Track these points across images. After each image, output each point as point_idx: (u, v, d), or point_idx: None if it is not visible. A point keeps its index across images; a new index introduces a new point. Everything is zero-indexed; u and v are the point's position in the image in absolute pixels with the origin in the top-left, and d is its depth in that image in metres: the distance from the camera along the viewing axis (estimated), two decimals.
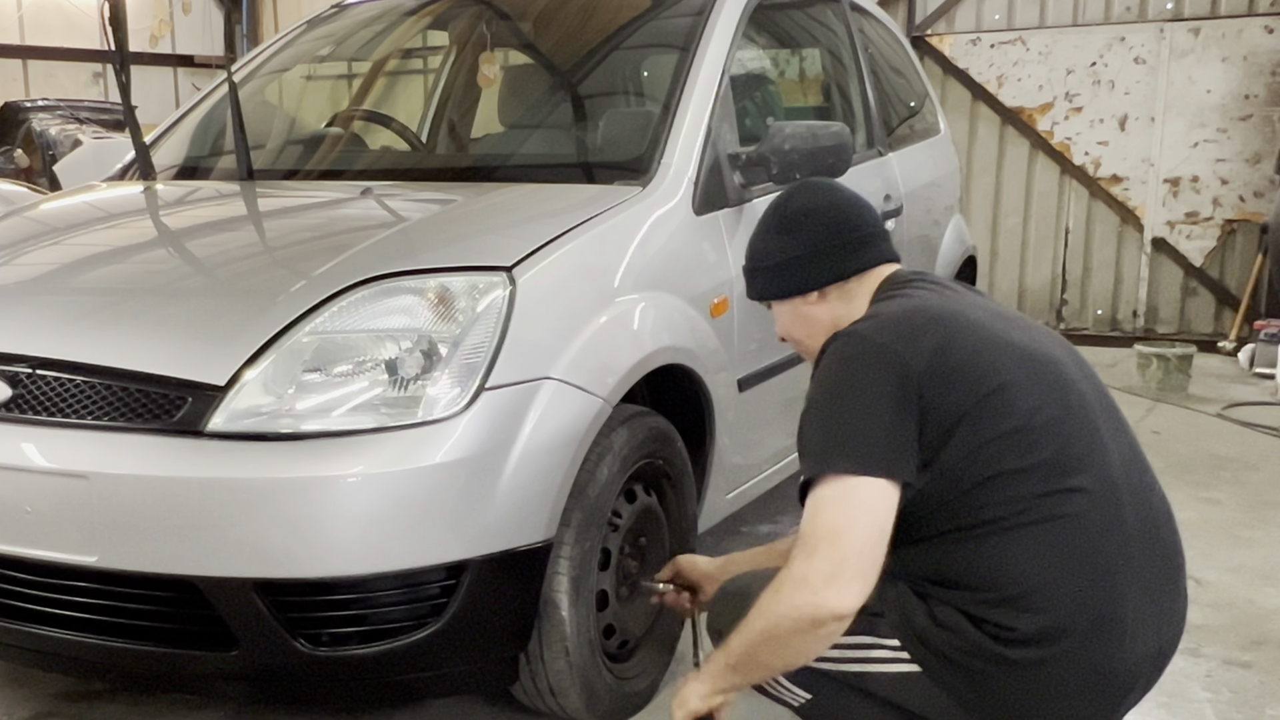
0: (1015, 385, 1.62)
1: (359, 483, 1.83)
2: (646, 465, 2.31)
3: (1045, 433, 1.61)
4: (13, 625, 2.00)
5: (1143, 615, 1.62)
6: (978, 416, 1.59)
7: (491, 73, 3.41)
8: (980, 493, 1.60)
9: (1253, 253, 6.76)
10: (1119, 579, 1.61)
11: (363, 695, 2.09)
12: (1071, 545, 1.59)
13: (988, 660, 1.59)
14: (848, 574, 1.52)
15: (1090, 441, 1.65)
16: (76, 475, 1.87)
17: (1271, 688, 2.53)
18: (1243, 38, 6.73)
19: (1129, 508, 1.64)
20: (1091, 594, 1.58)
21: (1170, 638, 1.70)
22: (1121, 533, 1.62)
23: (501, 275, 2.04)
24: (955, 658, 1.60)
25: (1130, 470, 1.69)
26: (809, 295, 1.84)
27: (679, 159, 2.56)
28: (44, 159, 9.20)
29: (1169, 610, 1.69)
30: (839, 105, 3.71)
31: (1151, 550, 1.66)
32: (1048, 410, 1.62)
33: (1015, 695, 1.60)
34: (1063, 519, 1.59)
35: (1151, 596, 1.65)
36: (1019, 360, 1.65)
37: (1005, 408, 1.60)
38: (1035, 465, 1.60)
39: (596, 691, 2.19)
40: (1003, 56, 7.35)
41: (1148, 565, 1.65)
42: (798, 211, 1.87)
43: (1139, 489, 1.69)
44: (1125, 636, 1.60)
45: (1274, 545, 3.44)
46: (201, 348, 1.94)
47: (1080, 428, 1.65)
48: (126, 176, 3.18)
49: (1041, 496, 1.59)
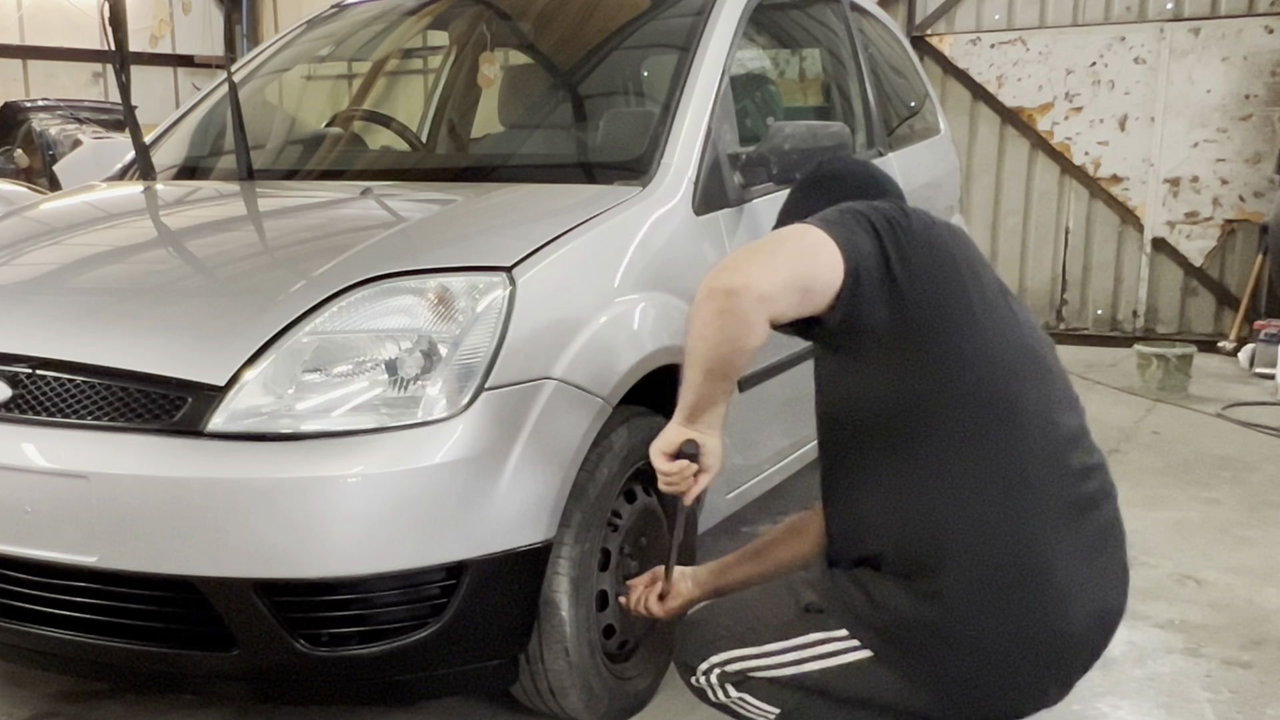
0: (975, 318, 1.67)
1: (359, 483, 1.83)
2: (647, 465, 2.30)
3: (999, 377, 1.65)
4: (13, 625, 2.00)
5: (1076, 575, 1.64)
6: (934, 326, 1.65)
7: (491, 73, 3.41)
8: (920, 408, 1.64)
9: (1253, 253, 6.76)
10: (1051, 536, 1.63)
11: (362, 695, 2.08)
12: (1002, 494, 1.62)
13: (924, 630, 1.62)
14: (751, 262, 1.62)
15: (1043, 401, 1.69)
16: (76, 475, 1.87)
17: (1271, 688, 2.53)
18: (1243, 38, 6.73)
19: (1073, 473, 1.68)
20: (1023, 548, 1.61)
21: (1113, 601, 1.71)
22: (1061, 493, 1.65)
23: (501, 275, 2.04)
24: (896, 633, 1.64)
25: (1080, 442, 1.73)
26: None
27: (679, 159, 2.55)
28: (44, 159, 9.20)
29: (1109, 575, 1.71)
30: (839, 105, 3.71)
31: (1090, 518, 1.69)
32: (1011, 360, 1.68)
33: (960, 664, 1.63)
34: (996, 464, 1.63)
35: (1088, 560, 1.67)
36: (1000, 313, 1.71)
37: (961, 328, 1.65)
38: (978, 396, 1.64)
39: (596, 692, 2.19)
40: (1003, 56, 7.35)
41: (1084, 530, 1.67)
42: (825, 175, 2.01)
43: (1085, 460, 1.72)
44: (1059, 596, 1.62)
45: (1274, 545, 3.44)
46: (201, 348, 1.94)
47: (1037, 387, 1.70)
48: (126, 176, 3.18)
49: (978, 437, 1.63)
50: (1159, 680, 2.55)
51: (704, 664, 1.81)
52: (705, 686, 1.82)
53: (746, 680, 1.77)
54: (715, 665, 1.80)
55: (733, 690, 1.79)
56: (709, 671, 1.81)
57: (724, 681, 1.79)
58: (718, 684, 1.80)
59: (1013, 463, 1.63)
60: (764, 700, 1.76)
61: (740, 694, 1.78)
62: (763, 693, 1.76)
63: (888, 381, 1.66)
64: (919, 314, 1.64)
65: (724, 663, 1.78)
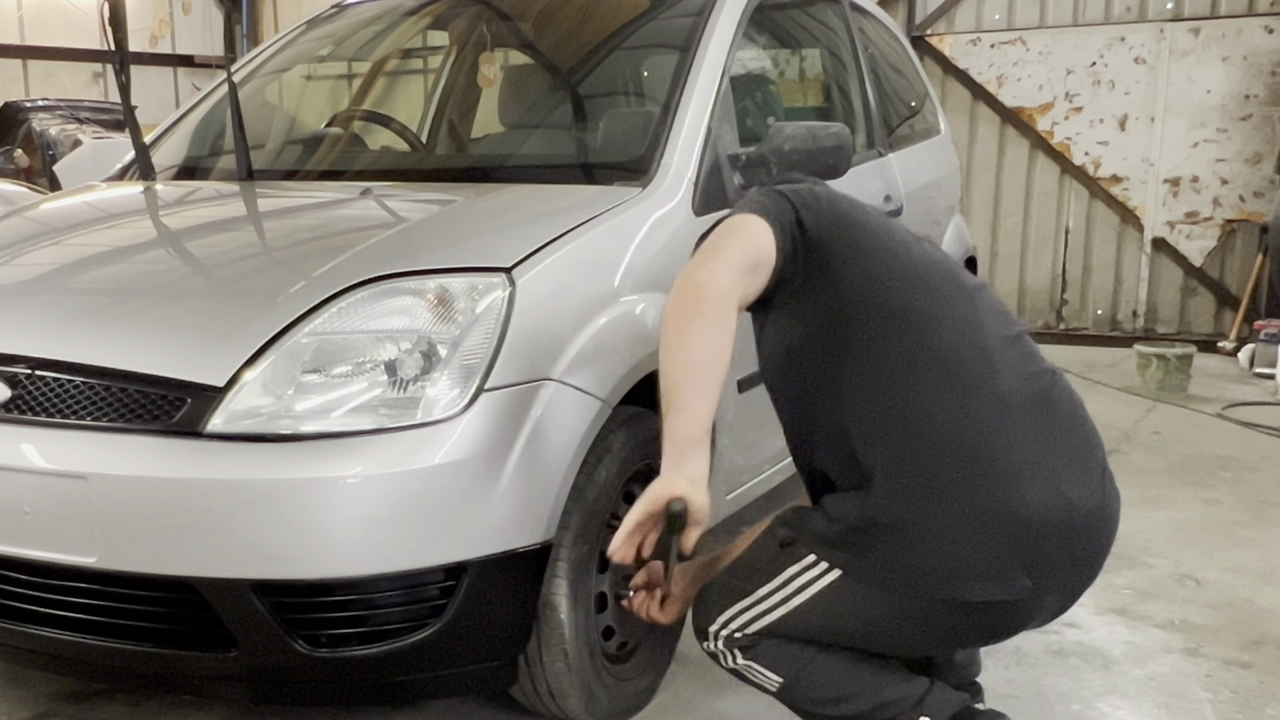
0: (894, 247, 1.88)
1: (358, 484, 1.83)
2: (646, 467, 2.30)
3: (914, 281, 1.83)
4: (12, 625, 2.00)
5: (1039, 465, 1.70)
6: (857, 255, 1.85)
7: (491, 73, 3.41)
8: (843, 322, 1.81)
9: (1253, 253, 6.76)
10: (997, 424, 1.71)
11: (362, 696, 2.08)
12: (934, 385, 1.74)
13: (875, 530, 1.70)
14: (704, 259, 1.82)
15: (963, 304, 1.84)
16: (76, 476, 1.87)
17: (1271, 688, 2.53)
18: (1243, 38, 6.73)
19: (1010, 369, 1.78)
20: (963, 433, 1.70)
21: (1089, 496, 1.74)
22: (999, 386, 1.75)
23: (501, 276, 2.03)
24: (853, 541, 1.72)
25: (1014, 345, 1.84)
26: None
27: (679, 159, 2.55)
28: (44, 159, 9.20)
29: (1078, 469, 1.75)
30: (839, 105, 3.71)
31: (1045, 415, 1.77)
32: (922, 269, 1.86)
33: (918, 559, 1.69)
34: (923, 358, 1.76)
35: (1050, 453, 1.73)
36: (905, 242, 1.91)
37: (882, 256, 1.86)
38: (896, 299, 1.80)
39: (595, 693, 2.19)
40: (1003, 56, 7.35)
41: (1041, 425, 1.75)
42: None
43: (1024, 362, 1.82)
44: (1014, 479, 1.68)
45: (1274, 545, 3.44)
46: (201, 348, 1.94)
47: (953, 292, 1.85)
48: (126, 176, 3.18)
49: (902, 335, 1.79)
50: (1159, 680, 2.55)
51: (713, 625, 1.88)
52: (717, 652, 1.90)
53: (752, 647, 1.84)
54: (722, 626, 1.86)
55: (741, 657, 1.86)
56: (718, 635, 1.88)
57: (731, 647, 1.87)
58: (726, 650, 1.88)
59: (940, 357, 1.76)
60: (768, 668, 1.85)
61: (747, 661, 1.86)
62: (767, 660, 1.84)
63: (811, 311, 1.84)
64: (826, 245, 1.84)
65: (728, 620, 1.86)
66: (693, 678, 2.50)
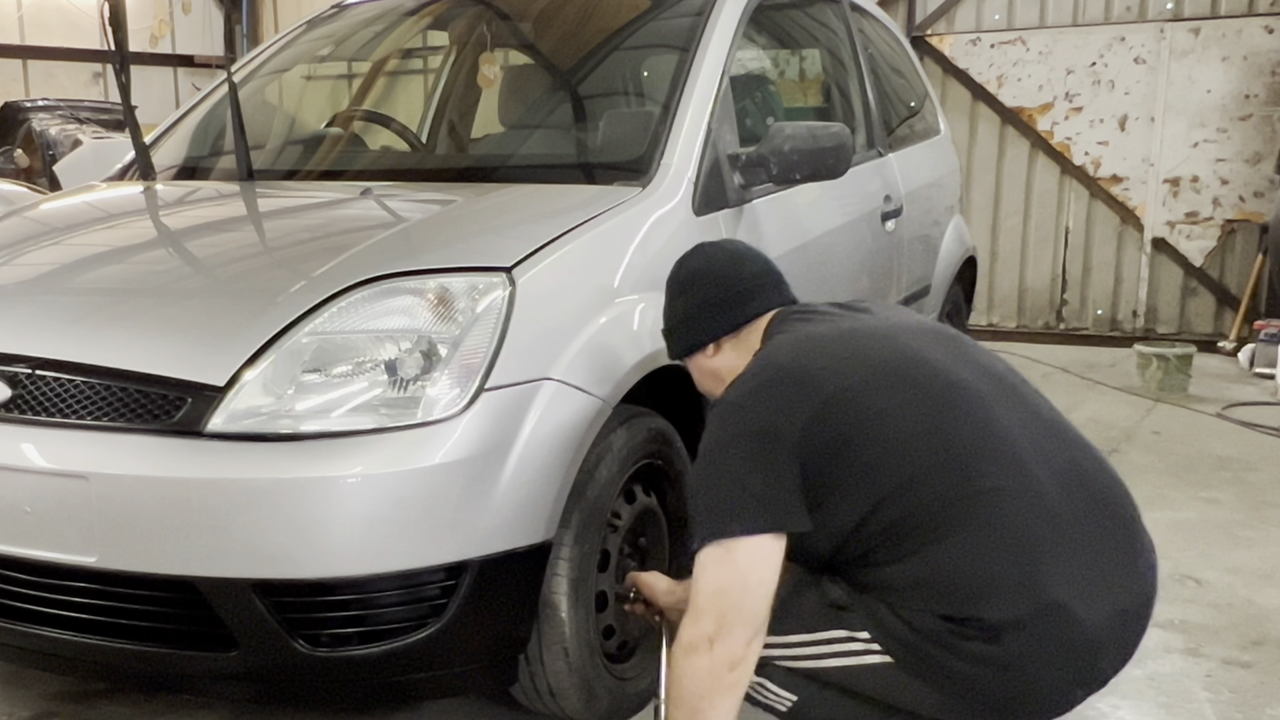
0: (884, 413, 1.68)
1: (358, 483, 1.83)
2: (646, 466, 2.31)
3: (924, 444, 1.66)
4: (13, 625, 2.00)
5: (1088, 584, 1.64)
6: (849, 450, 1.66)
7: (491, 73, 3.41)
8: (876, 519, 1.65)
9: (1253, 253, 6.76)
10: (1054, 548, 1.63)
11: (362, 696, 2.09)
12: (998, 541, 1.62)
13: (952, 653, 1.62)
14: (727, 628, 1.63)
15: (981, 430, 1.69)
16: (76, 475, 1.87)
17: (1271, 688, 2.53)
18: (1243, 38, 6.73)
19: (1045, 477, 1.67)
20: (1031, 583, 1.61)
21: (1136, 594, 1.70)
22: (1045, 510, 1.65)
23: (501, 276, 2.04)
24: (920, 647, 1.64)
25: (1037, 440, 1.72)
26: (706, 349, 1.99)
27: (679, 159, 2.55)
28: (44, 159, 9.20)
29: (1126, 565, 1.70)
30: (839, 105, 3.71)
31: (1087, 516, 1.68)
32: (925, 420, 1.68)
33: (984, 677, 1.63)
34: (974, 515, 1.63)
35: (1094, 562, 1.66)
36: (887, 374, 1.72)
37: (876, 435, 1.66)
38: (920, 478, 1.64)
39: (596, 692, 2.19)
40: (1003, 56, 7.35)
41: (1085, 532, 1.67)
42: (687, 275, 2.03)
43: (1053, 454, 1.71)
44: (1080, 601, 1.61)
45: (1274, 545, 3.44)
46: (201, 348, 1.94)
47: (965, 421, 1.69)
48: (126, 176, 3.18)
49: (940, 501, 1.63)
50: (1159, 680, 2.55)
51: None
52: None
53: (765, 666, 1.77)
54: None
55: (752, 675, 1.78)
56: None
57: None
58: None
59: (991, 507, 1.63)
60: (781, 687, 1.78)
61: (759, 679, 1.79)
62: (780, 679, 1.77)
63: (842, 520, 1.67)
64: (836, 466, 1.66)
65: None
66: None
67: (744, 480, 1.67)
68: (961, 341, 1.86)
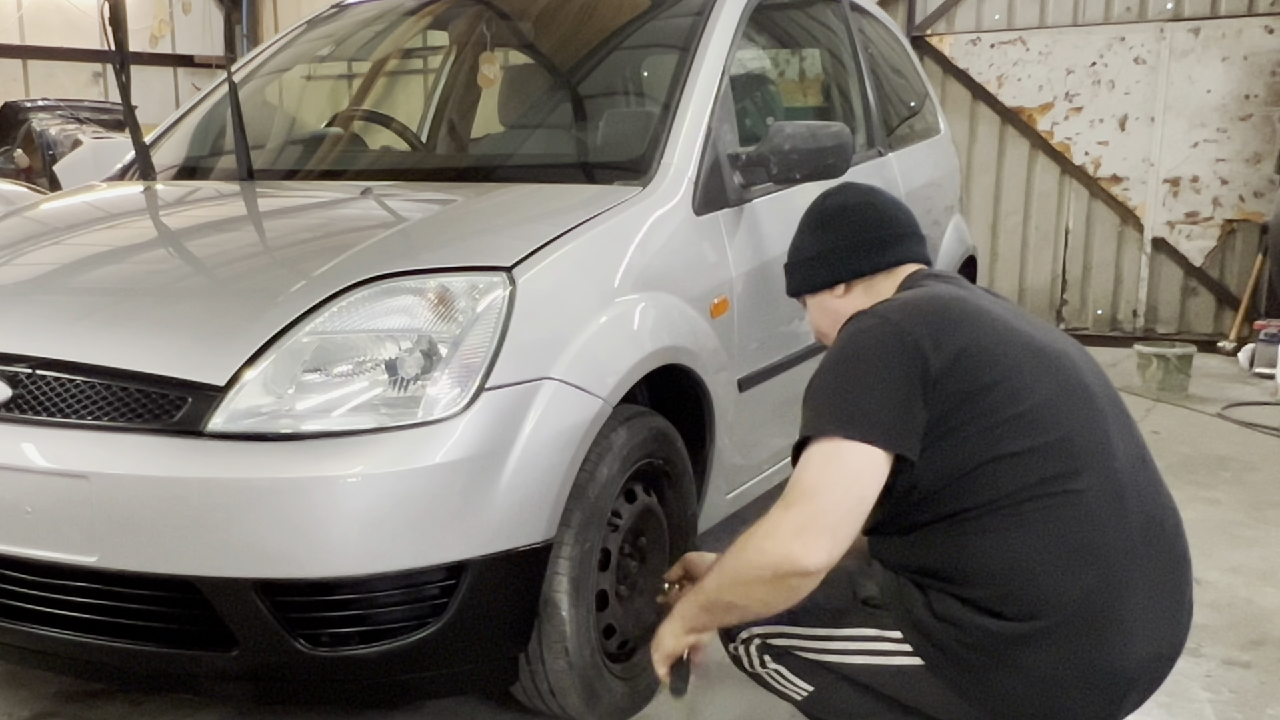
0: (1023, 374, 1.65)
1: (359, 483, 1.83)
2: (646, 465, 2.31)
3: (1049, 423, 1.62)
4: (13, 625, 2.00)
5: (1145, 616, 1.62)
6: (983, 399, 1.62)
7: (491, 73, 3.41)
8: (980, 476, 1.61)
9: (1253, 253, 6.76)
10: (1121, 576, 1.61)
11: (363, 695, 2.09)
12: (1070, 539, 1.60)
13: (986, 654, 1.60)
14: (815, 529, 1.55)
15: (1096, 438, 1.66)
16: (76, 475, 1.87)
17: (1271, 688, 2.53)
18: (1243, 38, 6.73)
19: (1134, 508, 1.65)
20: (1092, 590, 1.59)
21: (1173, 642, 1.69)
22: (1124, 531, 1.62)
23: (501, 275, 2.04)
24: (955, 651, 1.61)
25: (1137, 471, 1.69)
26: (836, 289, 1.93)
27: (679, 159, 2.55)
28: (44, 159, 9.21)
29: (1173, 614, 1.69)
30: (839, 105, 3.71)
31: (1157, 552, 1.66)
32: (1055, 403, 1.65)
33: (1015, 690, 1.61)
34: (1061, 511, 1.60)
35: (1155, 598, 1.64)
36: (1030, 353, 1.68)
37: (1011, 394, 1.63)
38: (1036, 452, 1.61)
39: (596, 691, 2.19)
40: (1003, 56, 7.35)
41: (1152, 566, 1.65)
42: (834, 209, 1.96)
43: (1145, 491, 1.69)
44: (1125, 635, 1.60)
45: (1274, 545, 3.44)
46: (201, 348, 1.94)
47: (1087, 424, 1.66)
48: (126, 176, 3.18)
49: (1040, 485, 1.60)
50: None
51: (745, 631, 1.80)
52: (742, 654, 1.83)
53: (786, 654, 1.76)
54: (757, 634, 1.79)
55: (770, 661, 1.79)
56: (749, 640, 1.80)
57: (762, 651, 1.79)
58: (756, 653, 1.80)
59: (1079, 511, 1.60)
60: (798, 676, 1.76)
61: (776, 665, 1.78)
62: (798, 669, 1.75)
63: (947, 465, 1.62)
64: (961, 418, 1.61)
65: (767, 634, 1.77)
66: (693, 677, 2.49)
67: (876, 389, 1.60)
68: (1086, 353, 1.82)
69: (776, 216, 2.79)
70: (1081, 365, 1.74)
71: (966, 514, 1.62)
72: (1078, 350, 1.79)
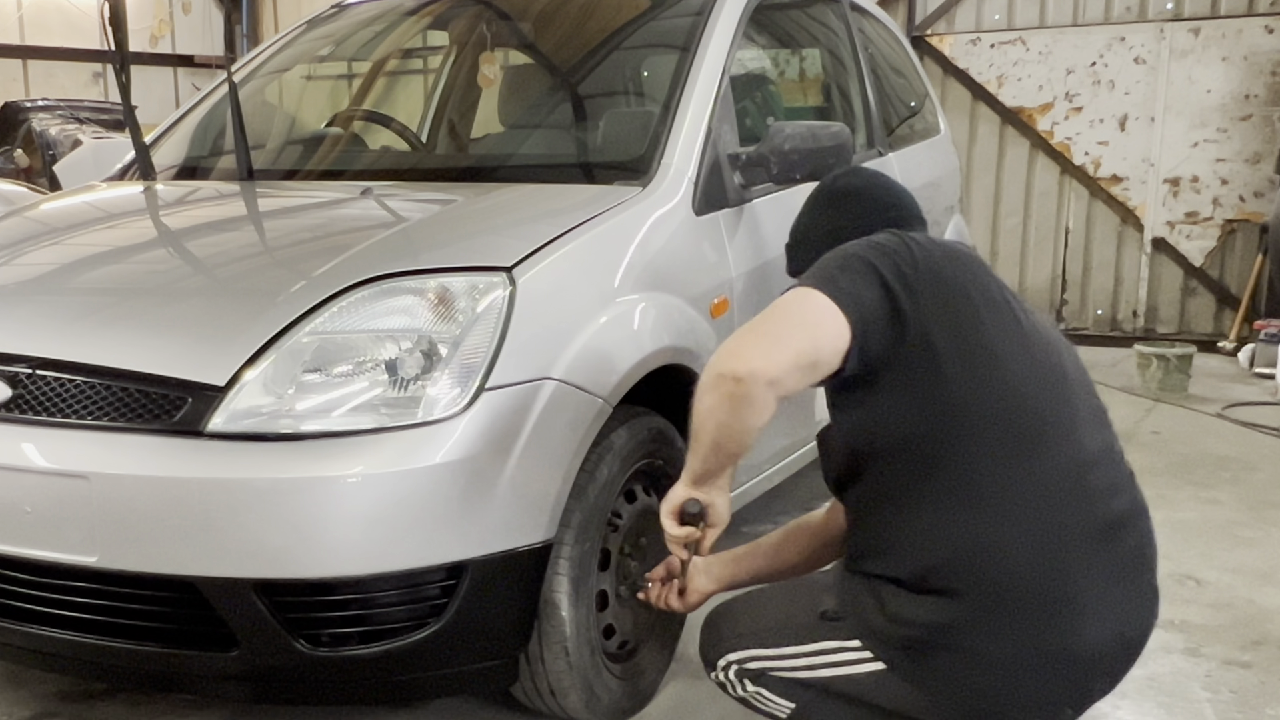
0: (1007, 339, 1.68)
1: (359, 483, 1.83)
2: (647, 465, 2.31)
3: (1022, 397, 1.65)
4: (13, 625, 2.00)
5: (1105, 599, 1.63)
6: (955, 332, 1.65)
7: (491, 73, 3.41)
8: (942, 433, 1.63)
9: (1253, 253, 6.76)
10: (1076, 556, 1.62)
11: (363, 695, 2.08)
12: (1026, 515, 1.61)
13: (940, 647, 1.62)
14: (752, 339, 1.65)
15: (1063, 420, 1.68)
16: (76, 475, 1.87)
17: (1271, 688, 2.53)
18: (1243, 38, 6.73)
19: (1097, 491, 1.66)
20: (1041, 568, 1.60)
21: (1138, 626, 1.70)
22: (1082, 513, 1.64)
23: (501, 275, 2.04)
24: (912, 649, 1.64)
25: (1103, 459, 1.71)
26: None
27: (679, 159, 2.55)
28: (44, 159, 9.20)
29: (1134, 597, 1.70)
30: (839, 105, 3.71)
31: (1120, 538, 1.68)
32: (1028, 375, 1.68)
33: (973, 679, 1.63)
34: (1018, 486, 1.62)
35: (1116, 582, 1.66)
36: (1014, 322, 1.71)
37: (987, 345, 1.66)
38: (1000, 418, 1.63)
39: (596, 692, 2.19)
40: (1003, 56, 7.35)
41: (1112, 550, 1.66)
42: (842, 190, 2.00)
43: (1113, 478, 1.71)
44: (1078, 616, 1.61)
45: (1274, 545, 3.44)
46: (201, 348, 1.94)
47: (1056, 403, 1.69)
48: (126, 176, 3.18)
49: (1000, 453, 1.62)
50: (1159, 680, 2.55)
51: (723, 660, 1.86)
52: (725, 681, 1.89)
53: (763, 676, 1.81)
54: (733, 661, 1.85)
55: (750, 684, 1.84)
56: (728, 668, 1.86)
57: (741, 677, 1.85)
58: (736, 679, 1.86)
59: (1037, 485, 1.63)
60: (779, 695, 1.81)
61: (757, 688, 1.83)
62: (778, 689, 1.81)
63: (907, 412, 1.65)
64: (933, 346, 1.64)
65: (742, 660, 1.83)
66: (693, 677, 2.50)
67: (853, 271, 1.66)
68: (1071, 347, 1.84)
69: (777, 216, 2.78)
70: (1064, 352, 1.77)
71: (922, 485, 1.65)
72: (1063, 341, 1.82)
